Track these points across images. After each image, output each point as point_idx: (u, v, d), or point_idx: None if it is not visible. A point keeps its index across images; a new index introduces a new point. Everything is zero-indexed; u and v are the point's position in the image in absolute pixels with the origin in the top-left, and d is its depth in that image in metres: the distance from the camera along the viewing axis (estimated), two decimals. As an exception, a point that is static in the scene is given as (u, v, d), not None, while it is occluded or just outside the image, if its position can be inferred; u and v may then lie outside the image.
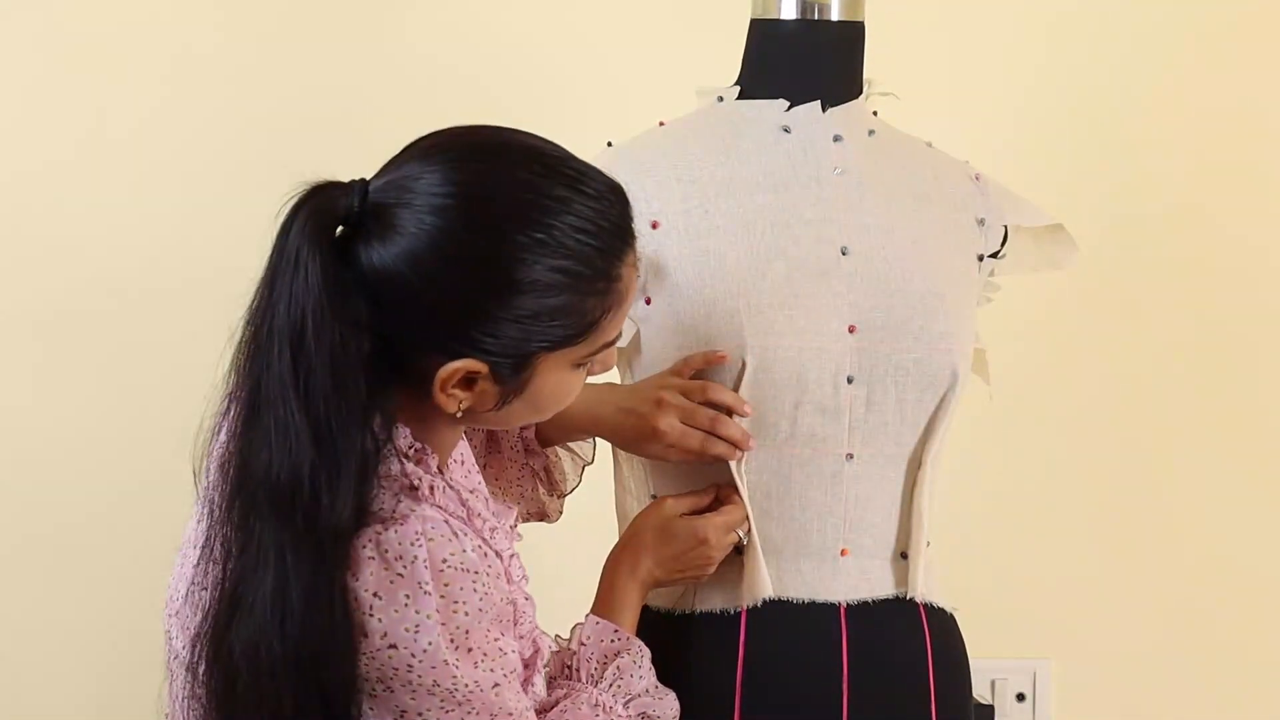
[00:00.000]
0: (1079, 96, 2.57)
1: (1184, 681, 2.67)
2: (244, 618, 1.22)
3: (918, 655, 1.63)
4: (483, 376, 1.26)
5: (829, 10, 1.64)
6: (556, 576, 2.28)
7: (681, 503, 1.58)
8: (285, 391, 1.21)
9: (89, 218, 2.39)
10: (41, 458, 2.40)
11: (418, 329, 1.24)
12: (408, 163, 1.26)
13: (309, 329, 1.20)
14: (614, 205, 1.28)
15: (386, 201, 1.23)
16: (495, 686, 1.26)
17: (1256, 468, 2.66)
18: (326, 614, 1.21)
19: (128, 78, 2.38)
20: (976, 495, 2.50)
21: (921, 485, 1.64)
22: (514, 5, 2.46)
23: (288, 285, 1.21)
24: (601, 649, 1.48)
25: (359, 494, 1.22)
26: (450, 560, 1.24)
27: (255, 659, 1.21)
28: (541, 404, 1.32)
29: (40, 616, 2.42)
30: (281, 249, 1.22)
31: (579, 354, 1.29)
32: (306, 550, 1.21)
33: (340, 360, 1.21)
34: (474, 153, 1.26)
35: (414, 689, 1.23)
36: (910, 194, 1.66)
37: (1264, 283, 2.63)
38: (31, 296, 2.39)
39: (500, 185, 1.24)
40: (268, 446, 1.22)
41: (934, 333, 1.61)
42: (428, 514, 1.25)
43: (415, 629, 1.22)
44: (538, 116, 2.48)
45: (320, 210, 1.22)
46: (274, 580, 1.21)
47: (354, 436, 1.21)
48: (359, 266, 1.23)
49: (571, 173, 1.27)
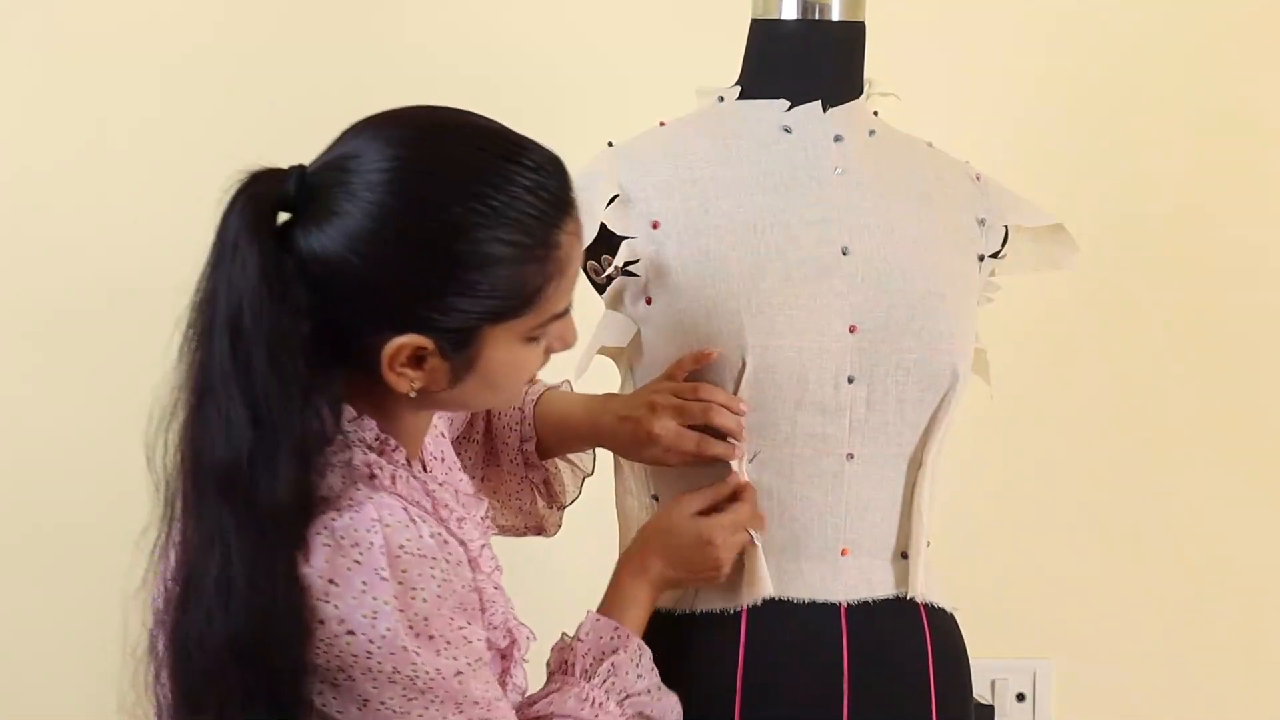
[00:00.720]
0: (1079, 97, 2.57)
1: (1184, 681, 2.67)
2: (194, 601, 1.24)
3: (918, 655, 1.63)
4: (430, 353, 1.26)
5: (829, 10, 1.64)
6: (557, 577, 2.28)
7: (695, 501, 1.57)
8: (226, 378, 1.22)
9: (90, 219, 2.39)
10: (41, 459, 2.40)
11: (359, 309, 1.25)
12: (343, 144, 1.27)
13: (246, 316, 1.21)
14: (552, 176, 1.28)
15: (323, 183, 1.24)
16: (458, 674, 1.26)
17: (1256, 468, 2.66)
18: (269, 597, 1.21)
19: (128, 79, 2.38)
20: (977, 495, 2.49)
21: (922, 485, 1.64)
22: (514, 5, 2.46)
23: (227, 273, 1.23)
24: (599, 645, 1.48)
25: (299, 476, 1.22)
26: (407, 546, 1.24)
27: (203, 642, 1.23)
28: (496, 381, 1.31)
29: (39, 616, 2.42)
30: (221, 237, 1.24)
31: (526, 326, 1.29)
32: (248, 533, 1.22)
33: (279, 345, 1.22)
34: (408, 129, 1.27)
35: (374, 677, 1.23)
36: (911, 194, 1.66)
37: (1264, 283, 2.63)
38: (32, 297, 2.39)
39: (435, 159, 1.25)
40: (211, 433, 1.23)
41: (934, 333, 1.61)
42: (385, 501, 1.25)
43: (373, 615, 1.22)
44: (538, 116, 2.48)
45: (257, 197, 1.24)
46: (219, 564, 1.23)
47: (293, 420, 1.22)
48: (298, 251, 1.23)
49: (508, 144, 1.27)
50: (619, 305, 1.64)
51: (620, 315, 1.64)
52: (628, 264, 1.60)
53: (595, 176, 1.62)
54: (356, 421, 1.30)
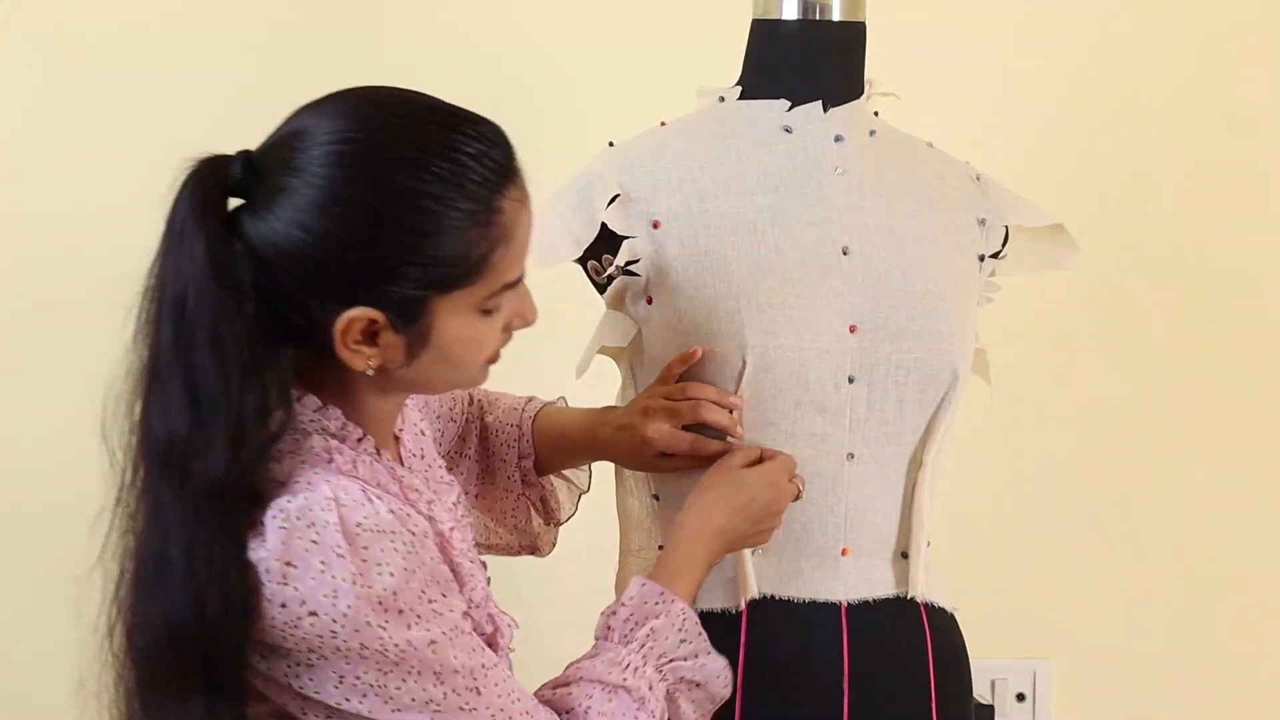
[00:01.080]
0: (1079, 97, 2.57)
1: (1184, 681, 2.67)
2: (137, 581, 1.26)
3: (918, 655, 1.63)
4: (382, 327, 1.26)
5: (830, 10, 1.64)
6: (557, 578, 2.28)
7: (741, 456, 1.55)
8: (170, 361, 1.24)
9: (91, 219, 2.39)
10: (41, 458, 2.40)
11: (309, 284, 1.25)
12: (288, 124, 1.29)
13: (190, 299, 1.23)
14: (494, 145, 1.28)
15: (268, 163, 1.26)
16: (432, 644, 1.25)
17: (1257, 468, 2.66)
18: (204, 575, 1.22)
19: (129, 79, 2.38)
20: (977, 495, 2.50)
21: (922, 485, 1.64)
22: (514, 5, 2.46)
23: (174, 259, 1.24)
24: (642, 611, 1.44)
25: (233, 453, 1.23)
26: (365, 523, 1.24)
27: (145, 622, 1.24)
28: (454, 356, 1.31)
29: (37, 616, 2.42)
30: (170, 223, 1.25)
31: (477, 296, 1.28)
32: (185, 513, 1.23)
33: (220, 327, 1.23)
34: (351, 105, 1.28)
35: (345, 655, 1.23)
36: (911, 194, 1.66)
37: (1264, 283, 2.63)
38: (33, 298, 2.39)
39: (377, 130, 1.25)
40: (155, 415, 1.25)
41: (935, 333, 1.61)
42: (341, 482, 1.25)
43: (333, 594, 1.22)
44: (538, 116, 2.49)
45: (204, 182, 1.25)
46: (158, 543, 1.24)
47: (231, 397, 1.23)
48: (246, 233, 1.24)
49: (450, 116, 1.28)
50: (620, 305, 1.64)
51: (621, 315, 1.64)
52: (628, 264, 1.60)
53: (596, 176, 1.62)
54: (321, 410, 1.30)
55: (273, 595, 1.22)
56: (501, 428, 1.69)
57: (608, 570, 1.74)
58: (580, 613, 1.54)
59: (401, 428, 1.45)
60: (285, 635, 1.23)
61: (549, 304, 2.08)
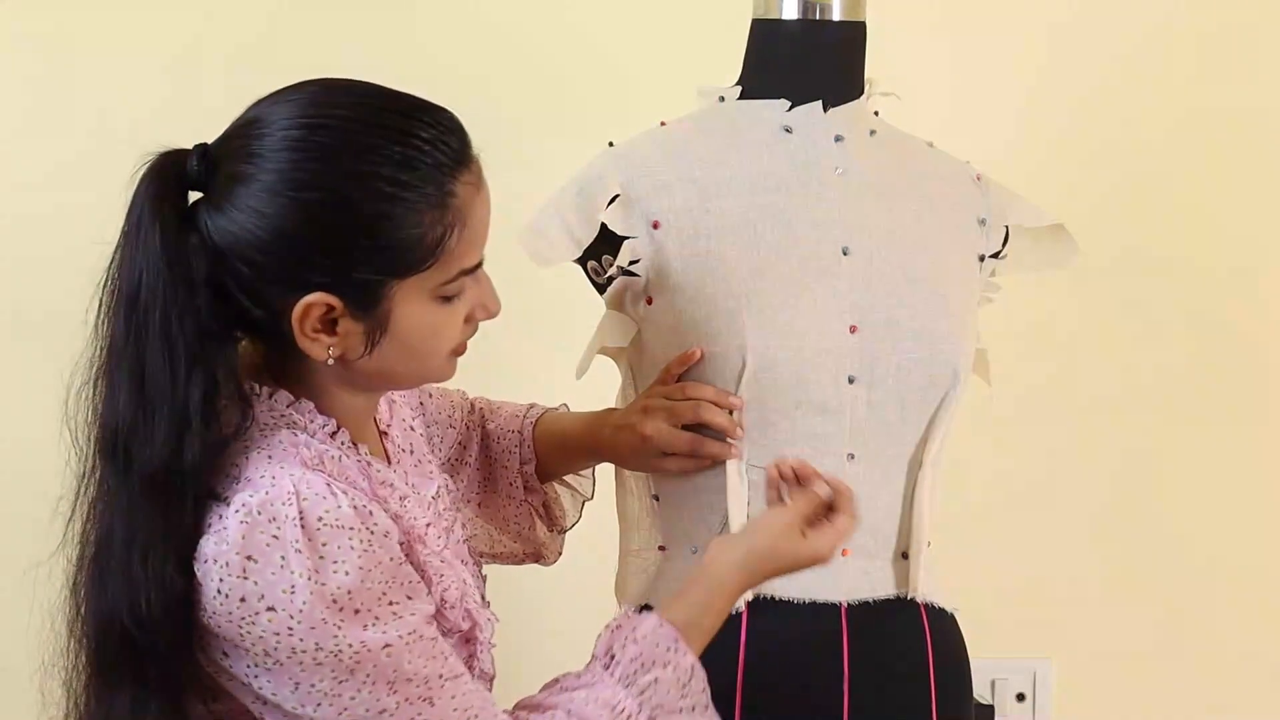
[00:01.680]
0: (1079, 97, 2.57)
1: (1184, 681, 2.67)
2: (86, 567, 1.27)
3: (918, 655, 1.63)
4: (340, 314, 1.26)
5: (830, 10, 1.64)
6: (557, 579, 2.28)
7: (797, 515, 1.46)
8: (122, 353, 1.25)
9: (90, 219, 2.38)
10: (41, 457, 2.40)
11: (265, 272, 1.25)
12: (245, 114, 1.29)
13: (143, 291, 1.24)
14: (448, 132, 1.29)
15: (225, 153, 1.27)
16: (387, 648, 1.24)
17: (1257, 468, 2.66)
18: (141, 566, 1.23)
19: (129, 77, 2.38)
20: (977, 495, 2.50)
21: (922, 485, 1.64)
22: (516, 5, 2.46)
23: (130, 251, 1.26)
24: (652, 654, 1.39)
25: (177, 443, 1.23)
26: (325, 518, 1.23)
27: (90, 610, 1.26)
28: (414, 346, 1.30)
29: (35, 616, 2.41)
30: (129, 215, 1.27)
31: (434, 281, 1.28)
32: (127, 502, 1.24)
33: (170, 317, 1.24)
34: (307, 94, 1.29)
35: (300, 658, 1.22)
36: (911, 194, 1.66)
37: (1264, 283, 2.64)
38: (32, 298, 2.38)
39: (331, 117, 1.26)
40: (106, 405, 1.26)
41: (935, 333, 1.61)
42: (304, 475, 1.25)
43: (291, 590, 1.21)
44: (539, 116, 2.49)
45: (161, 174, 1.26)
46: (103, 531, 1.26)
47: (177, 387, 1.23)
48: (203, 225, 1.25)
49: (404, 103, 1.29)
50: (620, 305, 1.64)
51: (621, 315, 1.64)
52: (628, 264, 1.60)
53: (596, 176, 1.62)
54: (294, 405, 1.31)
55: (231, 589, 1.22)
56: (503, 434, 1.69)
57: (607, 570, 1.74)
58: (580, 613, 1.54)
59: (390, 424, 1.45)
60: (243, 632, 1.22)
61: (549, 304, 2.09)
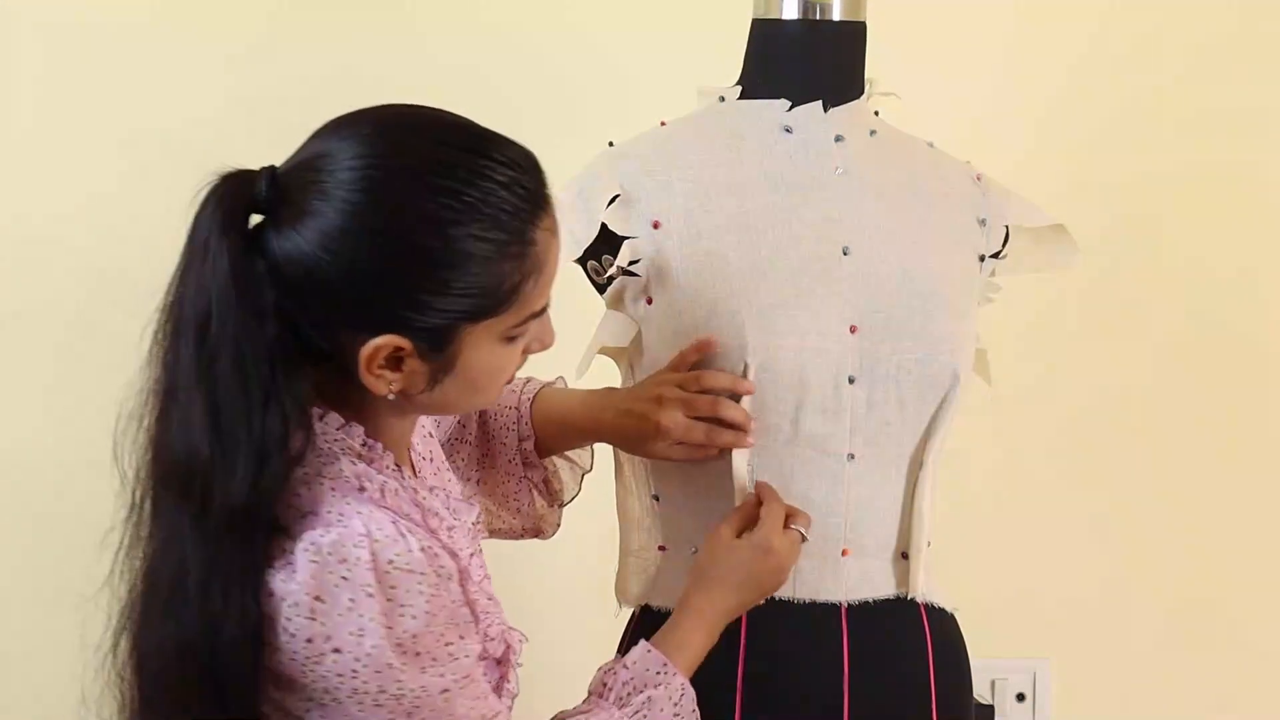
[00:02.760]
0: (1080, 97, 2.57)
1: (1183, 681, 2.67)
2: (150, 604, 1.24)
3: (918, 655, 1.63)
4: (408, 354, 1.25)
5: (830, 10, 1.64)
6: (558, 578, 2.28)
7: (729, 525, 1.55)
8: (190, 380, 1.22)
9: (90, 218, 2.39)
10: (40, 457, 2.40)
11: (334, 308, 1.24)
12: (314, 143, 1.26)
13: (214, 317, 1.21)
14: (526, 172, 1.27)
15: (295, 183, 1.23)
16: (444, 692, 1.25)
17: (1256, 467, 2.66)
18: (220, 603, 1.21)
19: (130, 76, 2.38)
20: (976, 495, 2.50)
21: (922, 486, 1.64)
22: (516, 4, 2.46)
23: (196, 274, 1.22)
24: (642, 677, 1.45)
25: (255, 478, 1.21)
26: (396, 561, 1.23)
27: (157, 646, 1.23)
28: (477, 382, 1.30)
29: (35, 615, 2.42)
30: (192, 238, 1.23)
31: (505, 325, 1.27)
32: (203, 537, 1.22)
33: (243, 347, 1.21)
34: (380, 127, 1.26)
35: (360, 699, 1.22)
36: (912, 194, 1.66)
37: (1264, 283, 2.63)
38: (28, 297, 2.38)
39: (407, 157, 1.23)
40: (173, 435, 1.23)
41: (935, 333, 1.61)
42: (374, 515, 1.24)
43: (359, 632, 1.21)
44: (539, 116, 2.49)
45: (228, 198, 1.23)
46: (175, 567, 1.23)
47: (253, 422, 1.21)
48: (270, 252, 1.22)
49: (481, 141, 1.26)
50: (620, 305, 1.64)
51: (621, 315, 1.64)
52: (628, 264, 1.60)
53: (596, 176, 1.62)
54: (344, 428, 1.29)
55: (298, 629, 1.21)
56: (500, 411, 1.67)
57: (608, 570, 1.74)
58: (580, 613, 1.54)
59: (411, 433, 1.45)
60: (305, 670, 1.22)
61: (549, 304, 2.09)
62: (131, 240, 2.36)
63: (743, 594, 1.52)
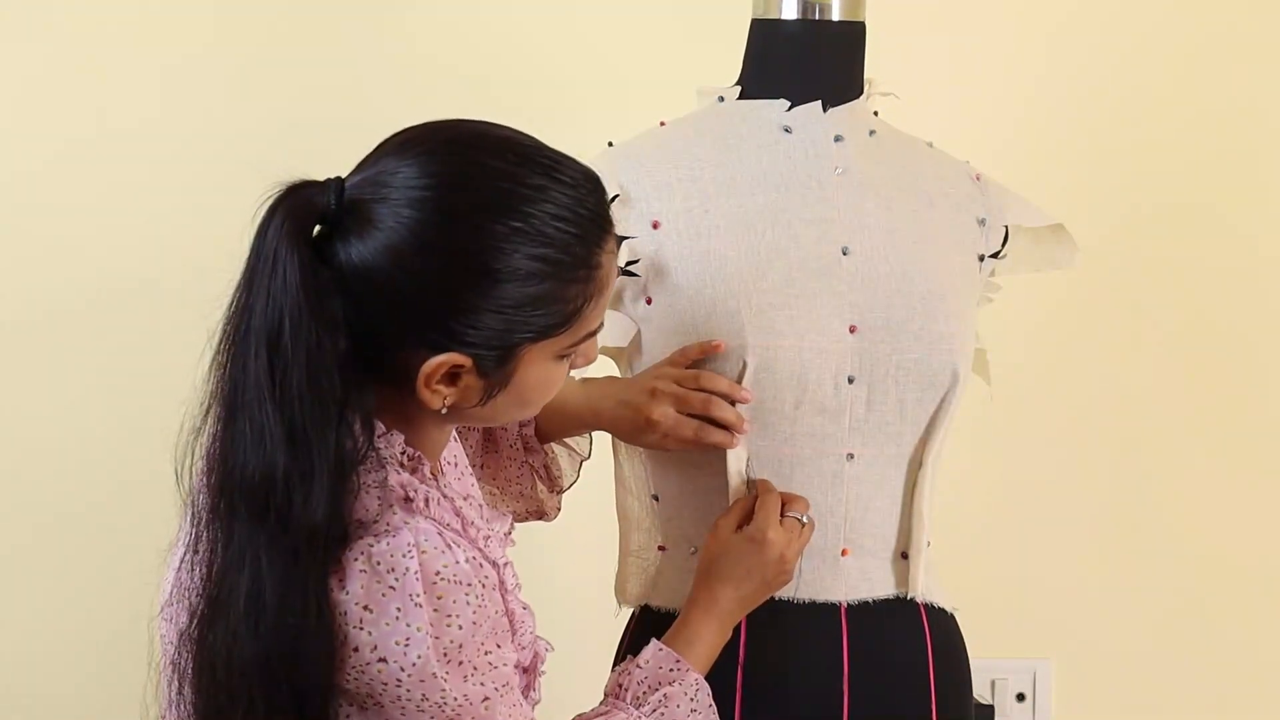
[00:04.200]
0: (1080, 96, 2.57)
1: (1184, 681, 2.67)
2: (222, 618, 1.22)
3: (918, 655, 1.63)
4: (466, 370, 1.25)
5: (830, 10, 1.64)
6: (558, 577, 2.28)
7: (729, 519, 1.56)
8: (261, 393, 1.21)
9: (89, 218, 2.39)
10: (37, 458, 2.40)
11: (399, 325, 1.24)
12: (383, 158, 1.25)
13: (286, 329, 1.20)
14: (591, 193, 1.27)
15: (363, 197, 1.23)
16: (485, 700, 1.26)
17: (1257, 467, 2.66)
18: (300, 616, 1.20)
19: (128, 77, 2.38)
20: (976, 495, 2.50)
21: (922, 485, 1.64)
22: (514, 5, 2.46)
23: (265, 285, 1.21)
24: (656, 675, 1.47)
25: (334, 494, 1.21)
26: (443, 572, 1.23)
27: (230, 659, 1.22)
28: (527, 397, 1.31)
29: (26, 614, 2.41)
30: (259, 249, 1.22)
31: (562, 344, 1.28)
32: (280, 551, 1.21)
33: (316, 360, 1.20)
34: (450, 145, 1.25)
35: (403, 705, 1.23)
36: (911, 194, 1.66)
37: (1265, 283, 2.63)
38: (25, 296, 2.38)
39: (477, 175, 1.23)
40: (244, 447, 1.22)
41: (934, 333, 1.61)
42: (421, 525, 1.24)
43: (406, 642, 1.22)
44: (538, 116, 2.48)
45: (297, 209, 1.22)
46: (249, 581, 1.21)
47: (329, 437, 1.21)
48: (337, 264, 1.22)
49: (547, 161, 1.26)
50: (619, 305, 1.64)
51: (620, 315, 1.64)
52: (628, 264, 1.60)
53: (595, 176, 1.62)
54: (385, 436, 1.29)
55: (346, 638, 1.21)
56: None
57: (607, 570, 1.74)
58: (580, 613, 1.54)
59: None
60: (351, 677, 1.22)
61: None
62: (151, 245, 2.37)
63: (745, 587, 1.53)
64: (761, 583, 1.54)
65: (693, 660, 1.49)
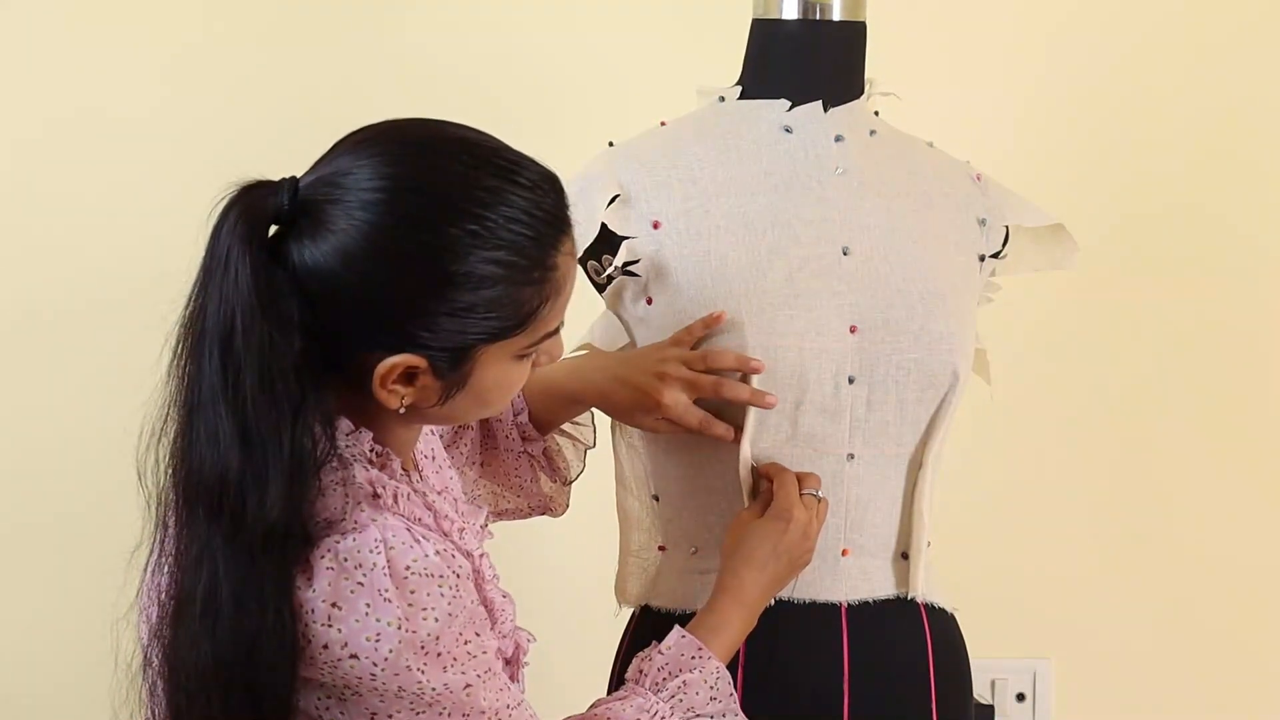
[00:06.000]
0: (1080, 96, 2.57)
1: (1184, 681, 2.67)
2: (184, 618, 1.23)
3: (918, 655, 1.63)
4: (422, 371, 1.25)
5: (830, 10, 1.64)
6: (558, 576, 2.28)
7: (753, 510, 1.56)
8: (215, 394, 1.21)
9: (88, 218, 2.39)
10: (36, 458, 2.40)
11: (353, 326, 1.23)
12: (338, 157, 1.25)
13: (238, 330, 1.20)
14: (548, 194, 1.27)
15: (317, 198, 1.23)
16: (467, 688, 1.26)
17: (1256, 467, 2.66)
18: (257, 617, 1.20)
19: (125, 77, 2.38)
20: (976, 495, 2.50)
21: (922, 485, 1.64)
22: (514, 5, 2.46)
23: (218, 287, 1.21)
24: (677, 661, 1.46)
25: (290, 494, 1.21)
26: (414, 566, 1.23)
27: (190, 662, 1.22)
28: (486, 398, 1.31)
29: (32, 610, 2.41)
30: (213, 250, 1.22)
31: (520, 345, 1.28)
32: (236, 551, 1.21)
33: (269, 361, 1.20)
34: (405, 146, 1.25)
35: (381, 695, 1.23)
36: (911, 194, 1.66)
37: (1265, 282, 2.63)
38: (30, 296, 2.38)
39: (431, 179, 1.23)
40: (200, 449, 1.22)
41: (935, 333, 1.61)
42: (389, 522, 1.24)
43: (376, 638, 1.21)
44: (538, 116, 2.49)
45: (250, 209, 1.22)
46: (207, 581, 1.22)
47: (283, 437, 1.21)
48: (291, 265, 1.22)
49: (504, 163, 1.26)
50: (619, 305, 1.64)
51: (614, 320, 1.64)
52: (628, 264, 1.60)
53: (595, 176, 1.62)
54: (354, 434, 1.29)
55: (315, 635, 1.21)
56: None
57: (607, 570, 1.74)
58: (580, 613, 1.54)
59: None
60: (325, 673, 1.23)
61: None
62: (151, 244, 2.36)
63: (772, 568, 1.53)
64: (789, 563, 1.54)
65: (716, 648, 1.48)
